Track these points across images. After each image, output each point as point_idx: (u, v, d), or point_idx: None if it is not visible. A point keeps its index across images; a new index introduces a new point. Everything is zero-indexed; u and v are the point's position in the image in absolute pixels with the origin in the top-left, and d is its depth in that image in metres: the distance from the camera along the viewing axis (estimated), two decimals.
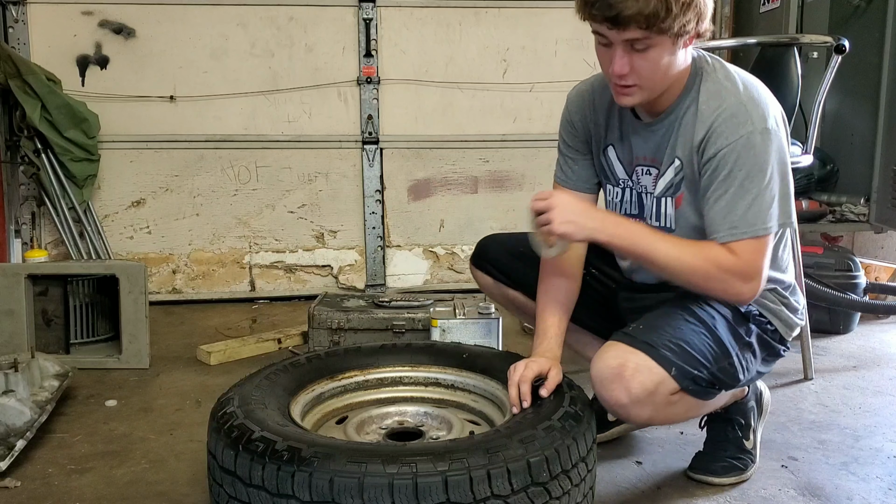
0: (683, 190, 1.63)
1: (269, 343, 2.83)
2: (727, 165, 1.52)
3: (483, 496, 1.23)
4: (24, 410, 1.95)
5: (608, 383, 1.50)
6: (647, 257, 1.56)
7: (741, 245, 1.53)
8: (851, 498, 1.71)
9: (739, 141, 1.52)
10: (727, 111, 1.54)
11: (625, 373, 1.49)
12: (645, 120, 1.68)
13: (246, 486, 1.29)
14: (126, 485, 1.78)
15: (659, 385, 1.50)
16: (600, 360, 1.53)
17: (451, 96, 3.74)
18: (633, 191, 1.74)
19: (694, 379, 1.53)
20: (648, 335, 1.54)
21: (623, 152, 1.74)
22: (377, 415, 1.72)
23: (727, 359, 1.58)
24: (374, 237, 3.75)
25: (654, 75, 1.53)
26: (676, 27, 1.46)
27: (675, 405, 1.57)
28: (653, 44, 1.48)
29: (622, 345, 1.53)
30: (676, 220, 1.66)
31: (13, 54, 3.26)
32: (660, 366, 1.50)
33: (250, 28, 3.57)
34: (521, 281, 1.93)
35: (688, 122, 1.60)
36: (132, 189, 3.58)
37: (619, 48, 1.50)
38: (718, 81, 1.59)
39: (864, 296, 3.00)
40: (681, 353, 1.52)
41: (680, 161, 1.62)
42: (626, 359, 1.50)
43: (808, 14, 3.37)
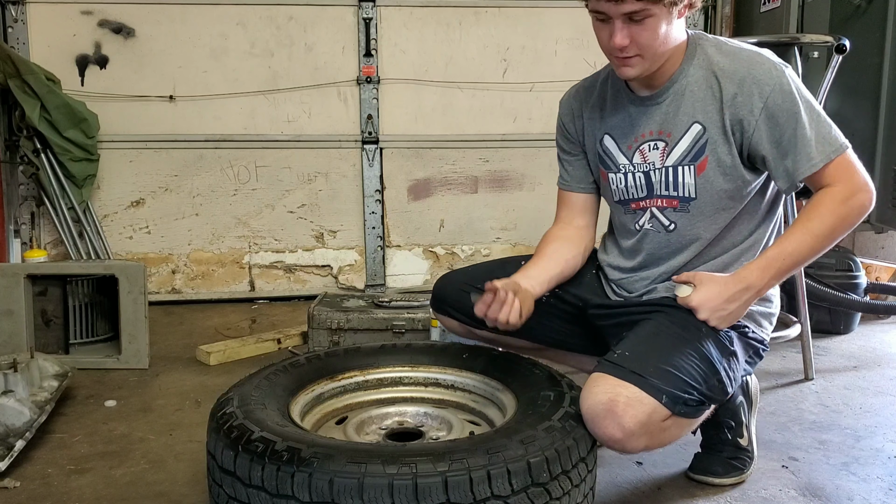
0: (708, 153, 1.63)
1: (269, 343, 2.83)
2: (785, 102, 1.55)
3: (483, 497, 1.23)
4: (23, 411, 1.95)
5: (600, 420, 1.45)
6: (802, 264, 1.59)
7: (834, 167, 1.54)
8: (852, 498, 1.71)
9: (780, 83, 1.57)
10: (751, 62, 1.60)
11: (616, 408, 1.45)
12: (644, 94, 1.70)
13: (245, 487, 1.29)
14: (125, 485, 1.78)
15: (651, 415, 1.47)
16: (590, 396, 1.48)
17: (451, 96, 3.73)
18: (635, 173, 1.73)
19: (685, 402, 1.51)
20: (635, 363, 1.50)
21: (622, 136, 1.74)
22: (377, 415, 1.71)
23: (715, 376, 1.56)
24: (374, 237, 3.74)
25: (653, 44, 1.56)
26: None
27: (669, 430, 1.55)
28: (650, 13, 1.52)
29: (610, 377, 1.49)
30: (698, 187, 1.65)
31: (12, 54, 3.25)
32: (650, 396, 1.47)
33: (250, 28, 3.57)
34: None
35: (701, 85, 1.63)
36: (132, 189, 3.58)
37: (618, 21, 1.54)
38: (721, 43, 1.66)
39: (864, 296, 2.99)
40: (670, 379, 1.50)
41: (701, 125, 1.63)
42: (616, 392, 1.46)
43: (809, 14, 3.37)
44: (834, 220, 1.54)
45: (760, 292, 1.58)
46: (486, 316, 1.64)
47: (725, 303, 1.57)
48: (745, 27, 3.83)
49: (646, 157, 1.71)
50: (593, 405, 1.47)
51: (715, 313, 1.57)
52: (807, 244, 1.55)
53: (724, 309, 1.57)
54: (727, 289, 1.57)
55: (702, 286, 1.59)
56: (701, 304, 1.57)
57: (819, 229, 1.54)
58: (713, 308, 1.57)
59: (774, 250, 1.57)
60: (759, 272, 1.56)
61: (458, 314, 1.88)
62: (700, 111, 1.63)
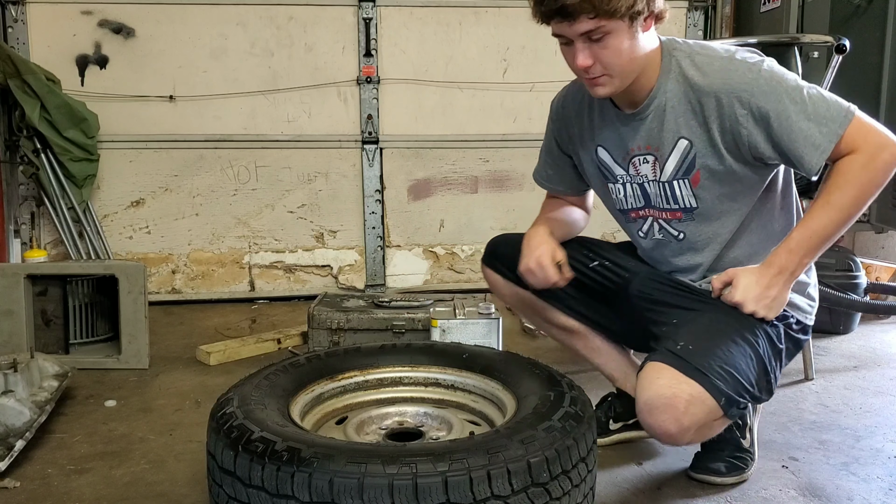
0: (699, 167, 1.63)
1: (269, 343, 2.83)
2: (769, 103, 1.52)
3: (483, 497, 1.22)
4: (23, 411, 1.95)
5: (658, 413, 1.47)
6: (832, 237, 1.55)
7: (848, 137, 1.50)
8: (852, 498, 1.71)
9: (760, 79, 1.53)
10: (724, 73, 1.56)
11: (678, 404, 1.46)
12: (628, 111, 1.69)
13: (245, 487, 1.29)
14: (125, 485, 1.78)
15: (709, 415, 1.50)
16: (652, 387, 1.49)
17: (451, 96, 3.73)
18: (632, 184, 1.75)
19: (738, 405, 1.53)
20: (700, 359, 1.50)
21: (615, 148, 1.75)
22: (377, 415, 1.71)
23: (766, 376, 1.58)
24: (374, 237, 3.74)
25: (618, 61, 1.55)
26: (624, 9, 1.49)
27: (714, 427, 1.58)
28: (608, 30, 1.51)
29: (673, 370, 1.49)
30: (697, 197, 1.66)
31: (12, 54, 3.25)
32: (712, 397, 1.48)
33: (250, 28, 3.57)
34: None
35: (681, 101, 1.61)
36: (131, 189, 3.58)
37: (578, 42, 1.54)
38: (693, 53, 1.62)
39: (864, 296, 2.99)
40: (731, 382, 1.50)
41: (688, 140, 1.62)
42: (679, 389, 1.47)
43: (809, 14, 3.37)
44: (856, 188, 1.50)
45: (795, 273, 1.57)
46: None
47: (765, 290, 1.56)
48: (745, 27, 3.83)
49: (638, 169, 1.73)
50: (654, 397, 1.48)
51: (759, 303, 1.56)
52: (832, 218, 1.52)
53: (766, 296, 1.56)
54: (762, 277, 1.57)
55: (737, 281, 1.58)
56: (744, 298, 1.56)
57: (842, 201, 1.51)
58: (756, 298, 1.56)
59: (799, 230, 1.56)
60: (787, 254, 1.55)
61: (507, 271, 1.93)
62: (684, 126, 1.62)
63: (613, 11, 1.48)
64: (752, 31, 3.74)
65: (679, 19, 3.86)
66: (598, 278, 1.87)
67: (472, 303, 2.52)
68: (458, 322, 2.32)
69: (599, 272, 1.87)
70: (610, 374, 1.99)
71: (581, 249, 1.89)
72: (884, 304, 3.01)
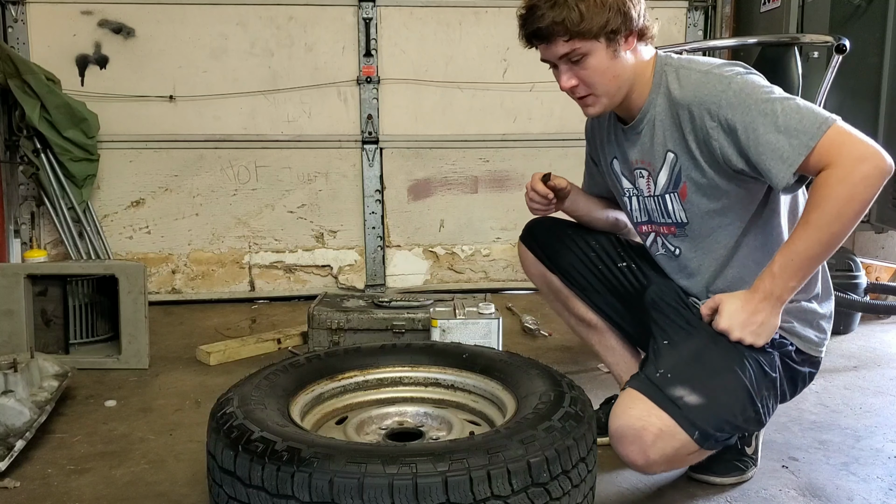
0: (685, 180, 1.64)
1: (269, 343, 2.83)
2: (735, 115, 1.49)
3: (483, 497, 1.22)
4: (23, 411, 1.95)
5: (627, 443, 1.48)
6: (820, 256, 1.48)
7: (822, 150, 1.41)
8: (852, 498, 1.71)
9: (728, 92, 1.51)
10: (697, 85, 1.57)
11: (645, 437, 1.45)
12: (626, 125, 1.73)
13: (245, 487, 1.29)
14: (125, 485, 1.78)
15: (678, 449, 1.49)
16: (622, 416, 1.49)
17: (451, 96, 3.73)
18: (638, 198, 1.77)
19: (715, 439, 1.51)
20: (675, 389, 1.48)
21: (622, 161, 1.79)
22: (377, 415, 1.71)
23: (753, 406, 1.54)
24: (374, 237, 3.74)
25: (601, 81, 1.59)
26: (596, 29, 1.52)
27: (689, 458, 1.57)
28: (584, 52, 1.56)
29: (646, 401, 1.48)
30: (687, 212, 1.67)
31: (12, 54, 3.25)
32: (683, 430, 1.46)
33: (250, 27, 3.57)
34: (561, 266, 1.95)
35: (666, 114, 1.63)
36: (131, 189, 3.58)
37: (561, 65, 1.61)
38: (681, 68, 1.63)
39: (864, 296, 2.99)
40: (706, 415, 1.48)
41: (673, 154, 1.64)
42: (648, 421, 1.46)
43: (809, 14, 3.37)
44: (834, 204, 1.41)
45: (782, 298, 1.51)
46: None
47: (751, 315, 1.52)
48: (745, 27, 3.83)
49: (637, 183, 1.76)
50: (623, 427, 1.48)
51: (745, 329, 1.52)
52: (814, 237, 1.45)
53: (753, 322, 1.52)
54: (748, 303, 1.53)
55: (722, 308, 1.55)
56: (729, 325, 1.53)
57: (822, 219, 1.43)
58: (742, 324, 1.52)
59: (781, 252, 1.50)
60: (770, 278, 1.50)
61: (540, 252, 1.97)
62: (670, 140, 1.64)
63: (586, 32, 1.53)
64: (752, 31, 3.74)
65: (679, 19, 3.87)
66: (623, 279, 1.88)
67: (472, 303, 2.52)
68: (458, 322, 2.32)
69: (625, 273, 1.88)
70: (618, 375, 1.99)
71: (616, 248, 1.92)
72: (884, 304, 3.01)
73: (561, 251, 1.95)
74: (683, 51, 2.71)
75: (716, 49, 3.73)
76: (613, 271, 1.89)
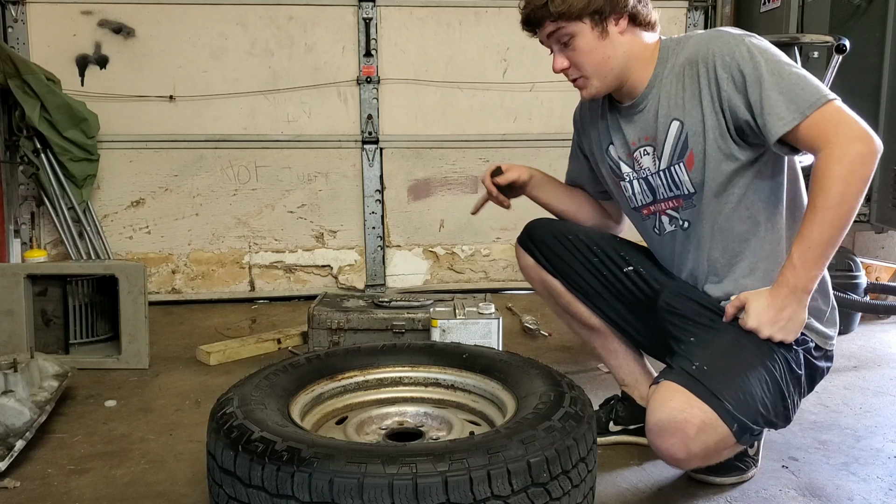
0: (691, 146, 1.64)
1: (269, 343, 2.83)
2: (746, 67, 1.53)
3: (483, 496, 1.22)
4: (23, 411, 1.95)
5: (668, 436, 1.46)
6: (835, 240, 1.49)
7: (814, 123, 1.46)
8: (852, 498, 1.71)
9: (738, 51, 1.55)
10: (709, 39, 1.61)
11: (688, 429, 1.45)
12: (626, 103, 1.74)
13: (245, 487, 1.28)
14: (125, 485, 1.78)
15: (719, 442, 1.49)
16: (664, 408, 1.47)
17: (451, 96, 3.73)
18: (639, 179, 1.77)
19: (751, 432, 1.52)
20: (715, 383, 1.48)
21: (619, 144, 1.79)
22: (377, 415, 1.71)
23: (783, 402, 1.55)
24: (374, 237, 3.74)
25: (591, 61, 1.63)
26: (577, 10, 1.58)
27: (722, 452, 1.57)
28: (570, 32, 1.62)
29: (687, 393, 1.47)
30: (693, 181, 1.66)
31: (12, 54, 3.25)
32: (724, 423, 1.46)
33: (250, 28, 3.57)
34: (563, 270, 1.92)
35: (674, 83, 1.65)
36: (131, 189, 3.58)
37: (554, 48, 1.67)
38: (690, 37, 1.68)
39: (864, 296, 2.99)
40: (744, 408, 1.48)
41: (679, 121, 1.64)
42: (691, 413, 1.45)
43: (809, 14, 3.37)
44: (838, 184, 1.44)
45: (808, 289, 1.52)
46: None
47: (778, 312, 1.52)
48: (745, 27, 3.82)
49: (640, 163, 1.75)
50: (665, 420, 1.47)
51: (774, 326, 1.53)
52: (824, 222, 1.47)
53: (781, 319, 1.52)
54: (774, 298, 1.53)
55: (749, 306, 1.55)
56: (758, 323, 1.53)
57: (829, 201, 1.45)
58: (770, 321, 1.53)
59: (797, 244, 1.51)
60: (792, 271, 1.51)
61: (539, 255, 1.96)
62: (675, 108, 1.65)
63: (568, 13, 1.58)
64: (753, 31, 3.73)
65: (679, 19, 3.87)
66: (630, 284, 1.85)
67: (472, 303, 2.52)
68: (458, 322, 2.32)
69: (632, 278, 1.85)
70: (621, 379, 1.98)
71: (618, 252, 1.88)
72: (884, 304, 3.01)
73: (562, 255, 1.91)
74: None
75: None
76: (619, 276, 1.86)
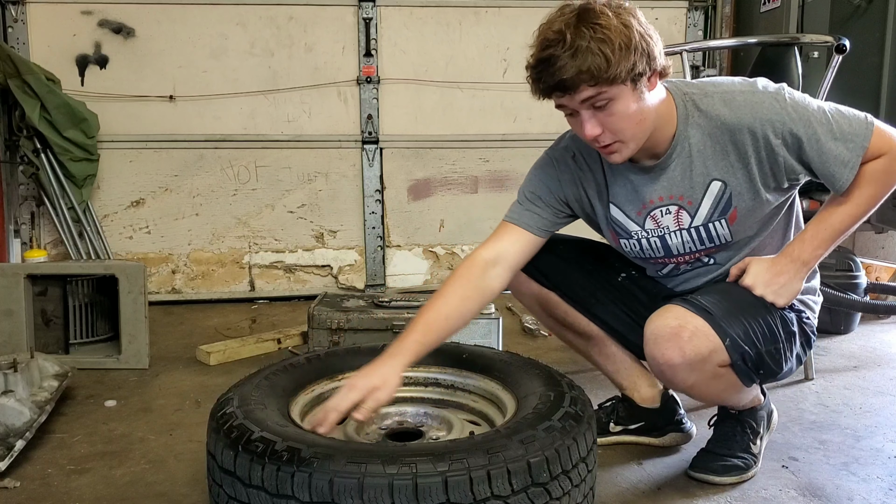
0: (735, 205, 1.62)
1: (269, 343, 2.83)
2: (799, 128, 1.55)
3: (483, 497, 1.22)
4: (23, 411, 1.95)
5: (663, 342, 1.54)
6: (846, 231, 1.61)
7: (874, 147, 1.55)
8: (852, 498, 1.71)
9: (788, 108, 1.55)
10: (752, 106, 1.56)
11: (683, 334, 1.53)
12: (648, 163, 1.64)
13: (245, 487, 1.29)
14: (125, 485, 1.78)
15: (712, 353, 1.55)
16: (659, 319, 1.57)
17: (451, 96, 3.73)
18: (650, 238, 1.71)
19: (743, 355, 1.57)
20: (707, 303, 1.58)
21: (628, 203, 1.70)
22: (377, 415, 1.71)
23: (774, 343, 1.61)
24: (374, 237, 3.74)
25: (627, 126, 1.49)
26: (624, 73, 1.43)
27: (719, 379, 1.61)
28: (611, 96, 1.45)
29: (681, 308, 1.57)
30: (733, 233, 1.67)
31: (12, 54, 3.25)
32: (716, 333, 1.54)
33: (250, 28, 3.57)
34: (558, 281, 1.91)
35: (707, 143, 1.59)
36: (131, 189, 3.58)
37: (584, 112, 1.49)
38: (711, 93, 1.60)
39: (864, 296, 2.99)
40: (736, 327, 1.56)
41: (721, 181, 1.61)
42: (685, 321, 1.54)
43: (809, 14, 3.37)
44: (876, 187, 1.57)
45: (808, 263, 1.61)
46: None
47: (776, 276, 1.61)
48: (745, 27, 3.83)
49: (658, 222, 1.69)
50: (660, 327, 1.56)
51: (769, 287, 1.61)
52: (848, 212, 1.58)
53: (776, 282, 1.61)
54: (775, 264, 1.62)
55: (750, 267, 1.64)
56: (754, 280, 1.62)
57: (860, 198, 1.57)
58: (766, 282, 1.61)
59: (814, 222, 1.62)
60: (800, 243, 1.61)
61: (532, 269, 1.86)
62: (715, 168, 1.60)
63: (614, 78, 1.42)
64: (752, 31, 3.74)
65: (679, 19, 3.86)
66: (625, 291, 1.88)
67: None
68: None
69: (626, 286, 1.89)
70: (620, 383, 1.98)
71: (608, 259, 1.91)
72: (884, 304, 3.01)
73: (556, 266, 1.90)
74: (684, 50, 2.71)
75: (716, 49, 3.74)
76: (613, 283, 1.89)
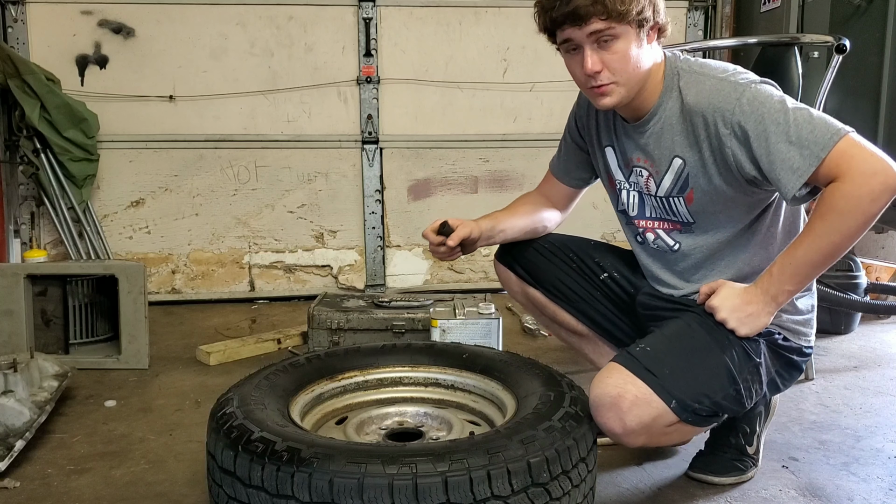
0: (692, 185, 1.63)
1: (269, 343, 2.83)
2: (748, 123, 1.49)
3: (483, 497, 1.22)
4: (23, 411, 1.95)
5: (604, 411, 1.48)
6: (820, 265, 1.49)
7: (832, 162, 1.41)
8: (852, 498, 1.71)
9: (742, 99, 1.51)
10: (711, 92, 1.56)
11: (622, 404, 1.47)
12: (631, 121, 1.70)
13: (245, 487, 1.28)
14: (125, 485, 1.78)
15: (656, 418, 1.50)
16: (600, 385, 1.51)
17: (451, 96, 3.73)
18: (631, 191, 1.77)
19: (694, 411, 1.52)
20: (653, 361, 1.51)
21: (619, 153, 1.78)
22: (377, 415, 1.71)
23: (733, 385, 1.55)
24: (374, 237, 3.74)
25: (626, 67, 1.55)
26: (634, 13, 1.50)
27: (671, 434, 1.57)
28: (617, 34, 1.52)
29: (624, 371, 1.51)
30: (693, 214, 1.67)
31: (12, 54, 3.25)
32: (659, 398, 1.48)
33: (250, 27, 3.57)
34: (543, 281, 1.96)
35: (677, 120, 1.62)
36: (131, 189, 3.58)
37: (587, 47, 1.54)
38: (694, 72, 1.61)
39: (865, 296, 2.99)
40: (684, 385, 1.50)
41: (682, 160, 1.63)
42: (625, 389, 1.48)
43: (809, 13, 3.37)
44: (838, 217, 1.42)
45: (778, 299, 1.53)
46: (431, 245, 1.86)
47: (745, 304, 1.55)
48: (745, 27, 3.83)
49: (637, 180, 1.74)
50: (600, 395, 1.50)
51: (734, 313, 1.55)
52: (813, 246, 1.47)
53: (744, 310, 1.54)
54: (746, 293, 1.56)
55: (720, 290, 1.59)
56: (721, 303, 1.56)
57: (823, 228, 1.44)
58: (733, 307, 1.55)
59: (782, 256, 1.52)
60: (769, 277, 1.53)
61: (519, 268, 1.98)
62: (678, 146, 1.62)
63: (625, 14, 1.49)
64: (752, 31, 3.74)
65: (679, 19, 3.87)
66: (607, 290, 1.91)
67: (472, 303, 2.51)
68: (458, 322, 2.32)
69: (608, 285, 1.91)
70: None
71: (592, 258, 1.94)
72: (884, 304, 3.01)
73: (541, 265, 1.94)
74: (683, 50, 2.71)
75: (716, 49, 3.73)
76: (596, 282, 1.92)
